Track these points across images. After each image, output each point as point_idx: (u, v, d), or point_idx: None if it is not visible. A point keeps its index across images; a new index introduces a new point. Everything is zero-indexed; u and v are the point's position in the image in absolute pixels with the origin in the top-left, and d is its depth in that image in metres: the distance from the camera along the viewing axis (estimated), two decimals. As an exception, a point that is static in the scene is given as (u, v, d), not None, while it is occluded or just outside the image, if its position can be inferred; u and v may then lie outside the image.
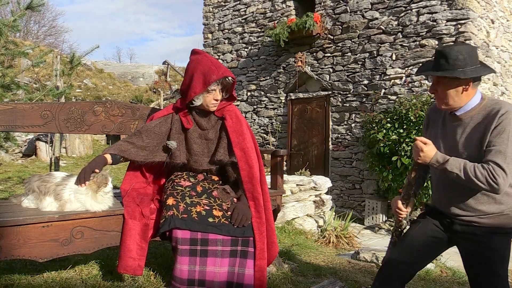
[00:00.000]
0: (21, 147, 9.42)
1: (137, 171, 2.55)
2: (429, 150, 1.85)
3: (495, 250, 1.86)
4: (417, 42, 6.66)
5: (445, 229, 1.98)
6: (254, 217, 2.32)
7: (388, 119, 6.45)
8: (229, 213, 2.30)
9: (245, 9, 9.11)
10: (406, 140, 6.01)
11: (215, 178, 2.54)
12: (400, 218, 2.07)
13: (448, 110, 1.94)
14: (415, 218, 2.17)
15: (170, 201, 2.25)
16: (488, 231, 1.87)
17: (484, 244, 1.87)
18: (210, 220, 2.23)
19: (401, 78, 6.84)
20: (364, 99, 7.24)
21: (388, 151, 6.25)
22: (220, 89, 2.39)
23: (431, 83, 1.98)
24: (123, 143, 2.39)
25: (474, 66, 1.85)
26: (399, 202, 2.04)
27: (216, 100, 2.39)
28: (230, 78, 2.37)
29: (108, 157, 2.29)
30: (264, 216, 2.37)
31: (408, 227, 2.11)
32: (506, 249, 1.89)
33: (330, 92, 7.71)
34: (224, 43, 9.51)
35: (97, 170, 2.20)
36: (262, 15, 8.82)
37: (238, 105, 9.19)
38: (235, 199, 2.41)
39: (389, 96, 6.94)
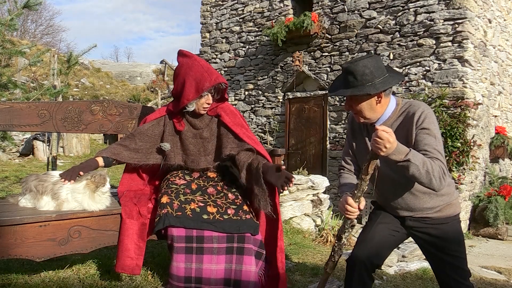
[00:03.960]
0: (18, 146, 9.39)
1: (134, 173, 2.56)
2: (394, 140, 1.63)
3: (449, 238, 1.94)
4: (415, 42, 6.67)
5: (400, 223, 2.02)
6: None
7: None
8: (224, 209, 2.29)
9: (243, 8, 9.11)
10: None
11: (212, 175, 2.53)
12: (351, 217, 1.89)
13: (367, 123, 1.94)
14: (372, 210, 2.16)
15: (164, 199, 2.25)
16: (439, 222, 1.94)
17: (438, 236, 1.94)
18: (205, 217, 2.22)
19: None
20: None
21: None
22: (212, 93, 2.40)
23: (345, 100, 1.97)
24: (116, 146, 2.41)
25: (382, 77, 1.84)
26: (350, 199, 1.85)
27: (208, 103, 2.40)
28: (223, 83, 2.38)
29: (100, 160, 2.33)
30: (278, 208, 2.37)
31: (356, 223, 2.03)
32: (459, 234, 1.98)
33: (327, 91, 7.71)
34: (222, 42, 9.50)
35: (81, 173, 2.23)
36: (260, 14, 8.81)
37: (235, 104, 9.19)
38: (230, 196, 2.40)
39: (386, 96, 6.95)
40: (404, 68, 6.78)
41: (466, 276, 1.95)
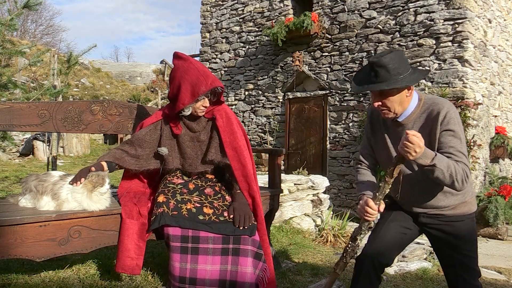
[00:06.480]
0: (18, 146, 9.40)
1: (133, 176, 2.55)
2: (423, 145, 1.65)
3: (462, 237, 1.93)
4: (415, 42, 6.67)
5: (413, 220, 2.02)
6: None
7: (386, 119, 6.46)
8: (220, 211, 2.29)
9: (243, 8, 9.10)
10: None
11: (210, 176, 2.53)
12: (370, 220, 1.90)
13: (392, 118, 1.91)
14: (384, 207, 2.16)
15: (161, 199, 2.25)
16: (453, 220, 1.93)
17: (451, 233, 1.93)
18: (201, 217, 2.23)
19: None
20: (362, 99, 7.25)
21: (385, 150, 6.25)
22: (209, 97, 2.38)
23: (371, 97, 1.93)
24: (117, 151, 2.40)
25: (409, 70, 1.84)
26: (371, 202, 1.87)
27: (205, 106, 2.37)
28: (219, 87, 2.35)
29: (105, 164, 2.32)
30: (262, 215, 2.38)
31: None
32: (472, 233, 1.97)
33: (327, 92, 7.71)
34: (222, 42, 9.50)
35: (93, 169, 2.23)
36: (260, 14, 8.81)
37: (235, 104, 9.20)
38: (227, 198, 2.41)
39: (386, 96, 6.94)
40: (404, 68, 6.77)
41: (476, 275, 1.93)
